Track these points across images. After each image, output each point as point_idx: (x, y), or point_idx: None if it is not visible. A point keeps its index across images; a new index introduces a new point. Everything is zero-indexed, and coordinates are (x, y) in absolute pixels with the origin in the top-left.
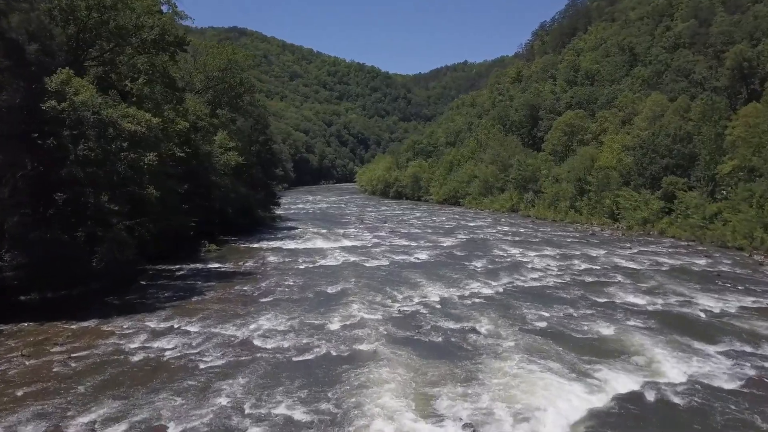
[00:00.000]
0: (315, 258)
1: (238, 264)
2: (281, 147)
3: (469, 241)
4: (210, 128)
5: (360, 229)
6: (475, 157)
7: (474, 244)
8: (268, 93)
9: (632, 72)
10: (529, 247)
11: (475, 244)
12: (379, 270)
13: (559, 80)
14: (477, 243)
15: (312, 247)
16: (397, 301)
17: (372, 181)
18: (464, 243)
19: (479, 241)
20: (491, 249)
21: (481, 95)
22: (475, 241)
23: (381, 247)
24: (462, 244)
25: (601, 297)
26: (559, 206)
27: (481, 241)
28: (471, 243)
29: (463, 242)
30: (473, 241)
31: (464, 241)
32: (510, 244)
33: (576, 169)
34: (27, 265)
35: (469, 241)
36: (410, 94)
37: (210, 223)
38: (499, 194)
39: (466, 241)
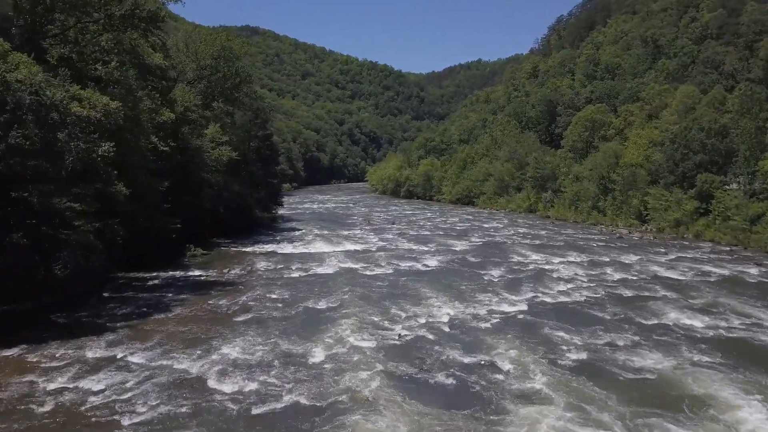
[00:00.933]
0: (311, 264)
1: (223, 271)
2: (291, 146)
3: (484, 244)
4: (201, 121)
5: (365, 231)
6: (489, 154)
7: (490, 249)
8: (279, 91)
9: (656, 65)
10: (552, 252)
11: (490, 248)
12: (380, 280)
13: (577, 75)
14: (493, 247)
15: (310, 252)
16: (398, 321)
17: (382, 180)
18: (479, 247)
19: (495, 245)
20: (509, 254)
21: (496, 91)
22: (490, 245)
23: (386, 252)
24: (476, 248)
25: (646, 317)
26: (581, 206)
27: (497, 244)
28: (486, 247)
29: (477, 246)
30: (489, 244)
31: (479, 245)
32: (530, 249)
33: (599, 167)
34: None
35: (485, 245)
36: (423, 93)
37: (201, 224)
38: (516, 194)
39: (481, 244)
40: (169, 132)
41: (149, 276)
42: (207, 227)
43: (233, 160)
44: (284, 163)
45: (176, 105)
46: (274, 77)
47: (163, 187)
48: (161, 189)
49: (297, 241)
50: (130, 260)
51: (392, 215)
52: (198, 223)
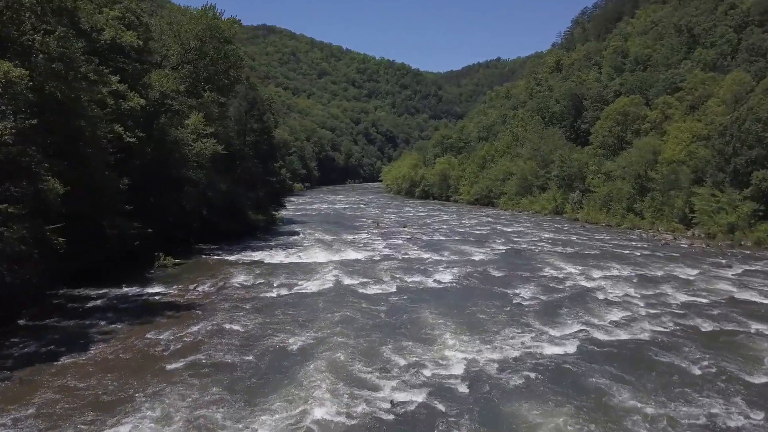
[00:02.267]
0: (298, 279)
1: (188, 288)
2: (304, 145)
3: (508, 253)
4: (184, 111)
5: (372, 236)
6: (511, 152)
7: (515, 259)
8: (294, 90)
9: (692, 55)
10: (591, 263)
11: (516, 258)
12: (378, 302)
13: (604, 67)
14: (519, 256)
15: (303, 261)
16: (393, 374)
17: (397, 179)
18: (502, 257)
19: (521, 254)
20: (540, 266)
21: (517, 86)
22: (515, 254)
23: (392, 262)
24: (499, 258)
25: (749, 369)
26: (614, 208)
27: (523, 253)
28: (511, 257)
29: (500, 256)
30: (513, 253)
31: (502, 254)
32: (563, 259)
33: (634, 164)
34: None
35: (509, 254)
36: (441, 92)
37: (181, 228)
38: (540, 194)
39: (505, 253)
40: (141, 121)
41: (96, 294)
42: (190, 231)
43: (220, 155)
44: (296, 163)
45: (151, 91)
46: (289, 76)
47: (124, 184)
48: (122, 186)
49: (292, 247)
50: (83, 273)
51: (404, 217)
52: (177, 226)
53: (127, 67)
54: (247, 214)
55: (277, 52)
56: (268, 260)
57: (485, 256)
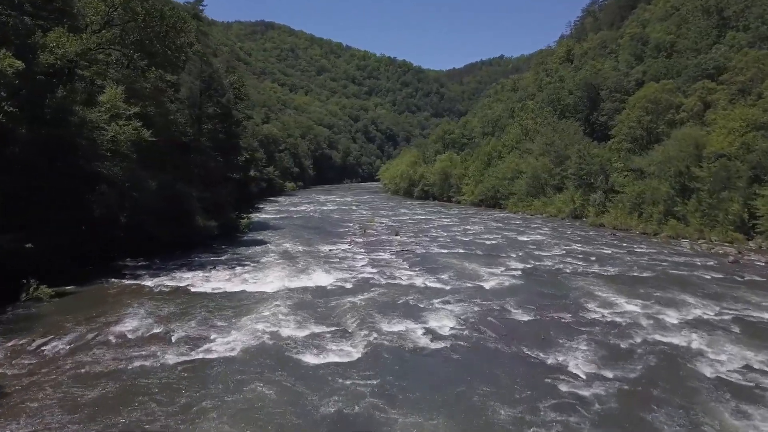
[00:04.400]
0: (216, 328)
1: (18, 347)
2: (298, 142)
3: (530, 276)
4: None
5: (356, 246)
6: (520, 147)
7: (542, 287)
8: (291, 86)
9: (723, 39)
10: (651, 294)
11: (543, 285)
12: (324, 389)
13: (622, 55)
14: (547, 282)
15: (244, 291)
16: None
17: (394, 178)
18: (523, 283)
19: (550, 278)
20: (581, 301)
21: (524, 78)
22: (541, 278)
23: (369, 293)
24: (520, 285)
25: None
26: (648, 212)
27: (551, 276)
28: (536, 282)
29: (520, 280)
30: (538, 276)
31: (522, 278)
32: (610, 286)
33: (673, 159)
34: None
35: (532, 278)
36: (443, 89)
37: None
38: (554, 195)
39: (525, 276)
40: (22, 93)
41: None
42: (107, 244)
43: (148, 143)
44: (287, 160)
45: (43, 53)
46: (287, 72)
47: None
48: None
49: (246, 264)
50: None
51: (398, 221)
52: (90, 238)
53: (7, 20)
54: (195, 219)
55: (275, 48)
56: (198, 287)
57: (500, 282)
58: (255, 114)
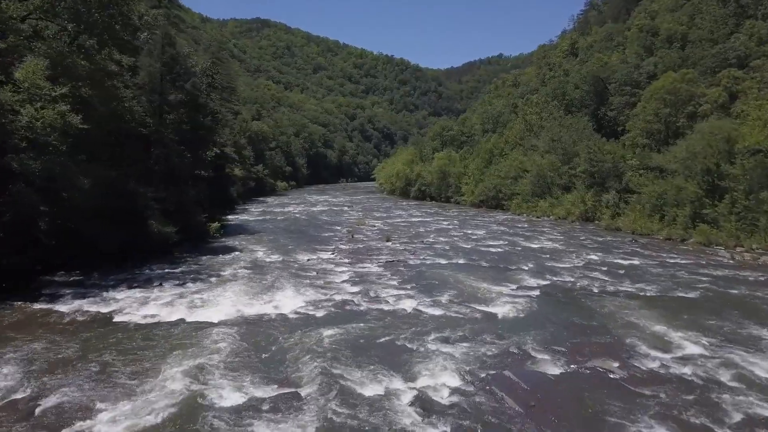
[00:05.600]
0: (115, 394)
1: None
2: (291, 140)
3: (548, 297)
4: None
5: (340, 256)
6: (523, 144)
7: (567, 313)
8: (286, 84)
9: (742, 28)
10: (714, 327)
11: (568, 310)
12: None
13: (630, 47)
14: (571, 305)
15: (183, 321)
16: None
17: (390, 178)
18: (543, 307)
19: (573, 299)
20: (624, 335)
21: (526, 74)
22: (563, 299)
23: (344, 325)
24: (538, 312)
25: None
26: (672, 214)
27: (575, 296)
28: (558, 307)
29: (538, 303)
30: (558, 296)
31: (539, 300)
32: (652, 312)
33: (699, 155)
34: None
35: (551, 299)
36: (441, 88)
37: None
38: (562, 195)
39: (543, 297)
40: None
41: None
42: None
43: (81, 131)
44: (278, 159)
45: None
46: (282, 70)
47: None
48: None
49: (200, 280)
50: None
51: (392, 224)
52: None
53: None
54: (149, 224)
55: (271, 46)
56: (126, 314)
57: (513, 306)
58: (246, 110)
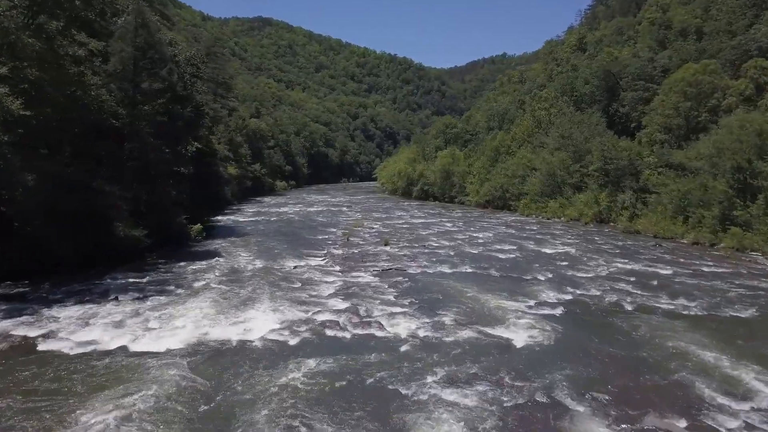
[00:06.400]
0: None
1: None
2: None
3: (575, 317)
4: None
5: (331, 262)
6: (532, 141)
7: (603, 341)
8: (288, 83)
9: (762, 19)
10: None
11: (603, 335)
12: None
13: (642, 41)
14: (605, 329)
15: (124, 350)
16: None
17: (392, 177)
18: (570, 332)
19: (605, 320)
20: (680, 373)
21: (533, 69)
22: (594, 320)
23: (322, 359)
24: (567, 339)
25: None
26: (697, 216)
27: (607, 316)
28: (589, 331)
29: (563, 326)
30: (586, 315)
31: (565, 322)
32: (703, 336)
33: (728, 151)
34: None
35: (578, 320)
36: (444, 87)
37: None
38: (574, 195)
39: (569, 317)
40: None
41: None
42: None
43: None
44: (276, 158)
45: None
46: (284, 68)
47: None
48: None
49: (165, 292)
50: None
51: (391, 226)
52: None
53: None
54: (115, 227)
55: (273, 44)
56: (56, 341)
57: (535, 331)
58: (244, 108)
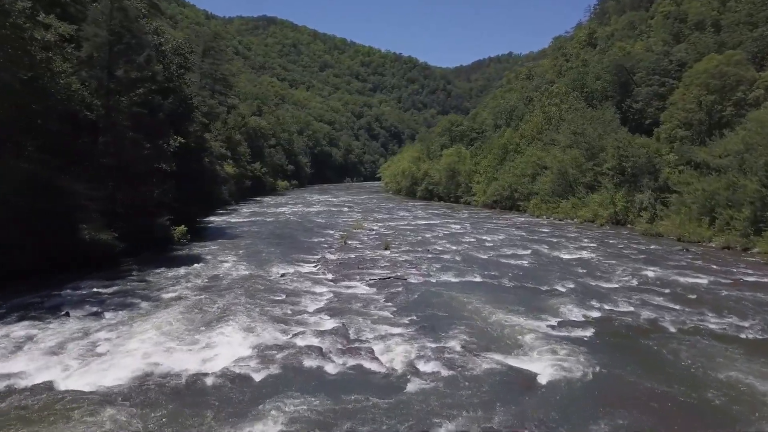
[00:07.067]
0: None
1: None
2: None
3: (608, 341)
4: None
5: (324, 269)
6: (542, 138)
7: (645, 374)
8: (291, 82)
9: None
10: None
11: (644, 366)
12: None
13: (656, 34)
14: (645, 358)
15: (48, 388)
16: None
17: (395, 176)
18: (602, 360)
19: (644, 345)
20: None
21: (541, 66)
22: (632, 347)
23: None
24: (599, 371)
25: None
26: (725, 217)
27: (645, 339)
28: (630, 362)
29: (597, 356)
30: (621, 339)
31: (597, 349)
32: None
33: (760, 147)
34: None
35: (613, 346)
36: (450, 86)
37: None
38: (587, 195)
39: (601, 342)
40: None
41: None
42: None
43: None
44: (277, 157)
45: None
46: (288, 67)
47: None
48: None
49: (127, 306)
50: None
51: (393, 229)
52: None
53: None
54: (79, 232)
55: (277, 43)
56: None
57: (560, 363)
58: (246, 106)
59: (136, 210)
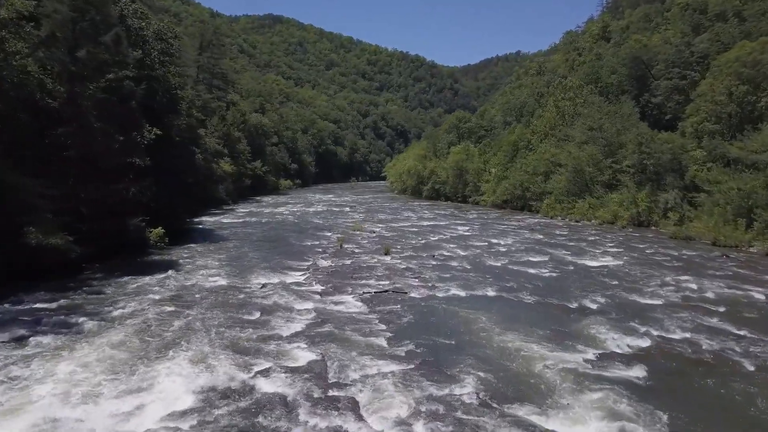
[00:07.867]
0: None
1: None
2: (297, 136)
3: (662, 384)
4: None
5: (313, 278)
6: (555, 134)
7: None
8: (297, 80)
9: None
10: None
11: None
12: None
13: (674, 26)
14: (726, 415)
15: None
16: None
17: (401, 175)
18: (673, 420)
19: (718, 394)
20: None
21: (552, 60)
22: (695, 393)
23: None
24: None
25: None
26: (763, 220)
27: (719, 385)
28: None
29: (648, 403)
30: (680, 380)
31: (646, 392)
32: None
33: None
34: None
35: (669, 390)
36: (457, 85)
37: None
38: (606, 194)
39: (651, 382)
40: None
41: None
42: None
43: None
44: (279, 155)
45: None
46: (293, 66)
47: None
48: None
49: (52, 331)
50: None
51: (395, 231)
52: None
53: None
54: (23, 236)
55: (283, 42)
56: None
57: (609, 425)
58: (248, 103)
59: (104, 210)
